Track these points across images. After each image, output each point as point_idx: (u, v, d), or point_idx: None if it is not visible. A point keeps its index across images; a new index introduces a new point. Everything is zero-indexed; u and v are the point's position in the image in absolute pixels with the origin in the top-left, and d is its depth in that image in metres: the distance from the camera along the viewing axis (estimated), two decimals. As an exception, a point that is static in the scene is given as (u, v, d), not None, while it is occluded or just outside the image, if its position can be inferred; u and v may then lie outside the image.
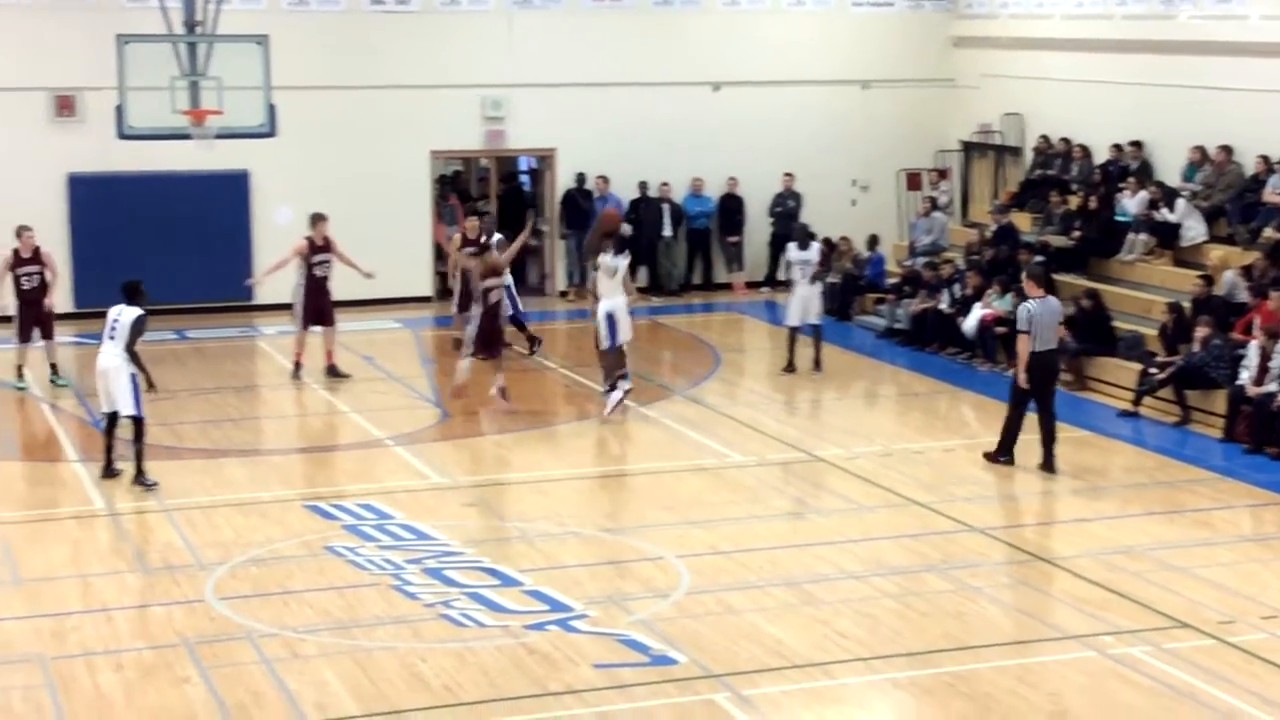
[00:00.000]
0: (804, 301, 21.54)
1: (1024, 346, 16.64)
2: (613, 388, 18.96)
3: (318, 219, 20.92)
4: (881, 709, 11.49)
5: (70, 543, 14.82)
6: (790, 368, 21.58)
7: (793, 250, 22.04)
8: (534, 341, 21.96)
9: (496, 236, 21.73)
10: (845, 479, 16.83)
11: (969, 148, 28.32)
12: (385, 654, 12.08)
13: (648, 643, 12.31)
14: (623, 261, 19.24)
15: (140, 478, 16.10)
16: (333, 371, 20.91)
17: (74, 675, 11.67)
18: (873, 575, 13.87)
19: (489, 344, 19.25)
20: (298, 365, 20.97)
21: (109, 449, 16.33)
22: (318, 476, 17.15)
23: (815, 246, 22.17)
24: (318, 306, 20.93)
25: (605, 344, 19.01)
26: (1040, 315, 16.66)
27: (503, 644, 12.29)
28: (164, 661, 11.93)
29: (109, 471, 16.33)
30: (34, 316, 20.37)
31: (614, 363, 19.04)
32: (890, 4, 28.72)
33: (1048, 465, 16.80)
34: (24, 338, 20.43)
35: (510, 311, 20.99)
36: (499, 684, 11.58)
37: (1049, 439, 16.84)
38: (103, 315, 16.70)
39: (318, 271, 20.97)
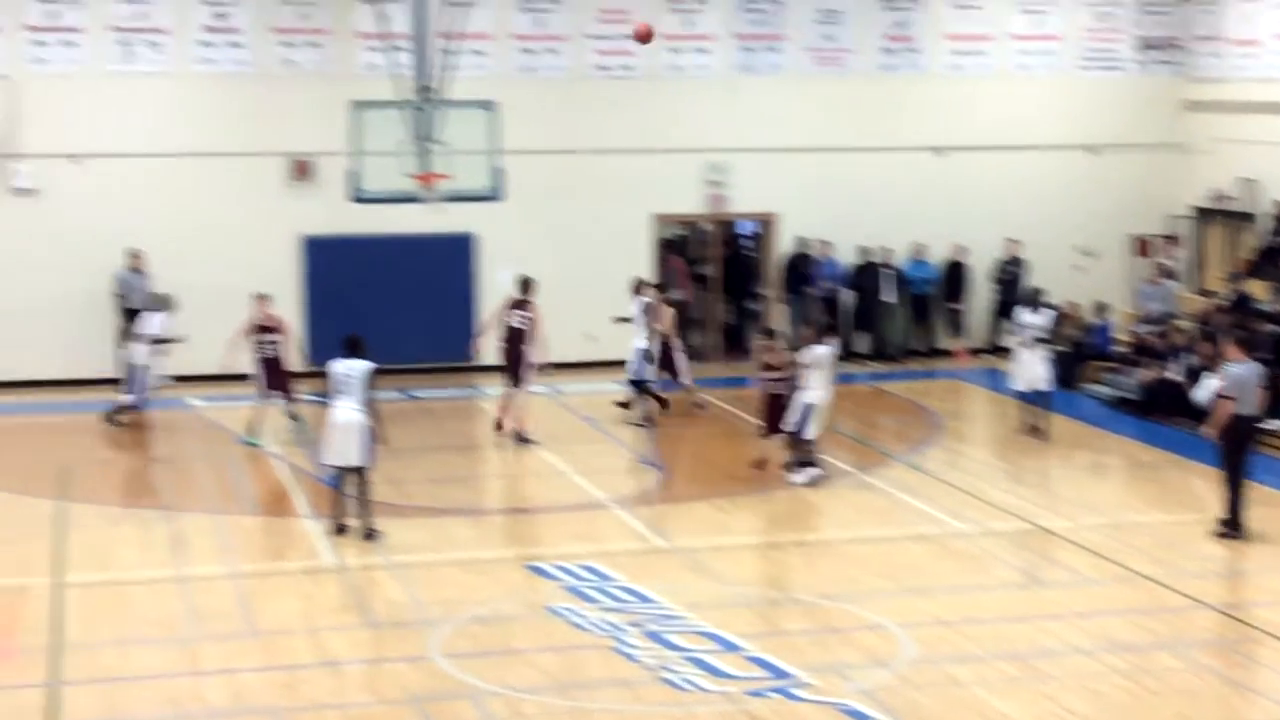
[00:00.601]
0: (1028, 367, 21.40)
1: (1225, 409, 16.45)
2: (803, 465, 18.91)
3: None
4: (1110, 788, 11.30)
5: (301, 596, 15.17)
6: (1029, 431, 21.61)
7: (1023, 314, 21.89)
8: (662, 403, 22.43)
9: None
10: (1071, 550, 16.55)
11: (1201, 213, 27.73)
12: (606, 716, 12.15)
13: (869, 712, 12.20)
14: (829, 353, 19.18)
15: (370, 529, 16.48)
16: (519, 438, 21.11)
17: (306, 727, 11.97)
18: (1101, 651, 13.59)
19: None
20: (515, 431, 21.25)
21: (339, 504, 16.73)
22: (540, 536, 17.32)
23: (1046, 311, 22.07)
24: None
25: (794, 429, 18.78)
26: (1243, 379, 16.48)
27: (724, 709, 12.29)
28: (391, 717, 12.14)
29: (339, 528, 16.70)
30: (276, 377, 21.10)
31: (802, 448, 18.88)
32: (1120, 69, 28.35)
33: (1232, 526, 16.55)
34: (268, 396, 21.12)
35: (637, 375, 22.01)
36: (720, 749, 11.60)
37: (1236, 500, 16.58)
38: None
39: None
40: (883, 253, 27.37)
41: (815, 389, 18.67)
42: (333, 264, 25.49)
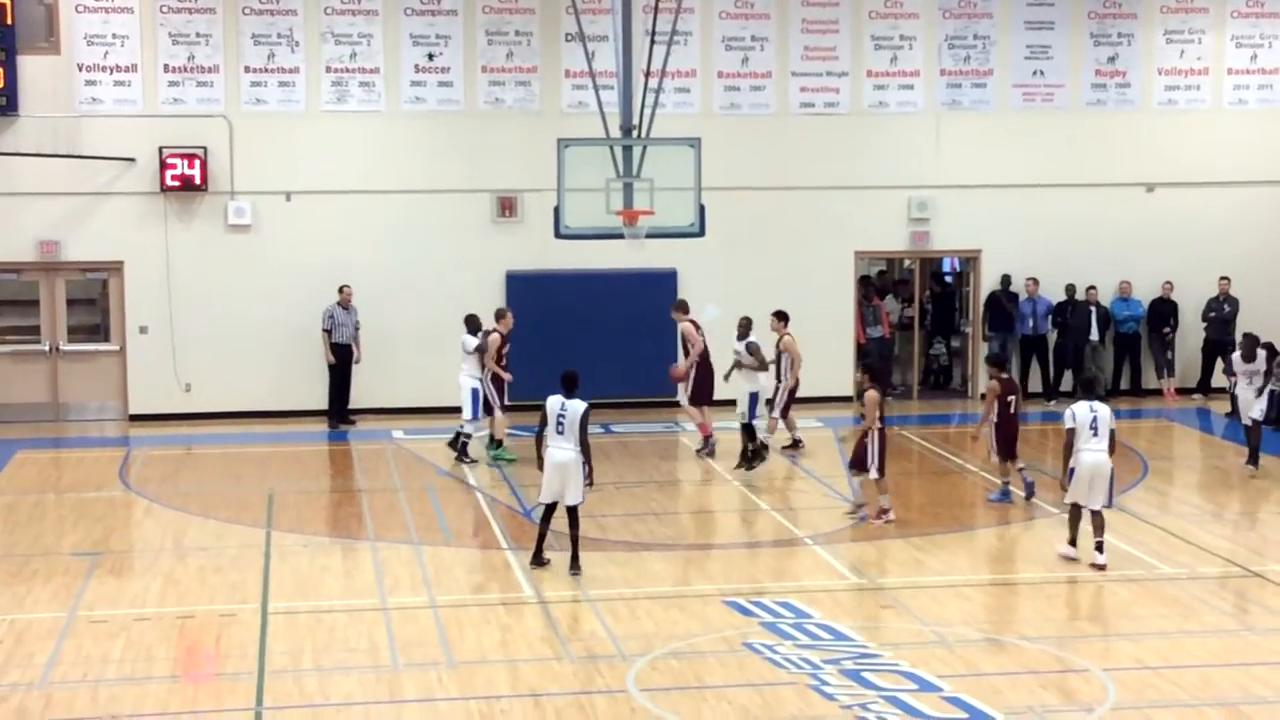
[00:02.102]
0: (1246, 405, 21.67)
1: None
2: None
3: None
4: (1323, 843, 10.88)
5: (500, 628, 15.26)
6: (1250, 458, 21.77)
7: (1237, 361, 21.83)
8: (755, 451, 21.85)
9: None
10: (1284, 597, 16.06)
11: None
12: (801, 754, 12.06)
13: (1071, 758, 11.95)
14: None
15: (576, 564, 16.55)
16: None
17: (501, 757, 12.03)
18: (1314, 700, 13.16)
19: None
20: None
21: (542, 537, 16.79)
22: (736, 572, 17.21)
23: (1261, 355, 21.82)
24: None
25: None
26: None
27: (920, 751, 12.12)
28: (586, 749, 12.19)
29: (539, 560, 16.78)
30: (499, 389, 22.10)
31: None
32: (1338, 100, 27.60)
33: None
34: (492, 412, 22.12)
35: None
36: (916, 791, 11.42)
37: None
38: (533, 409, 17.20)
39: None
40: (1088, 291, 26.91)
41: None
42: (535, 299, 25.72)
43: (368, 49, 25.57)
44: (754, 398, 21.85)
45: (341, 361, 24.58)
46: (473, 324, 22.14)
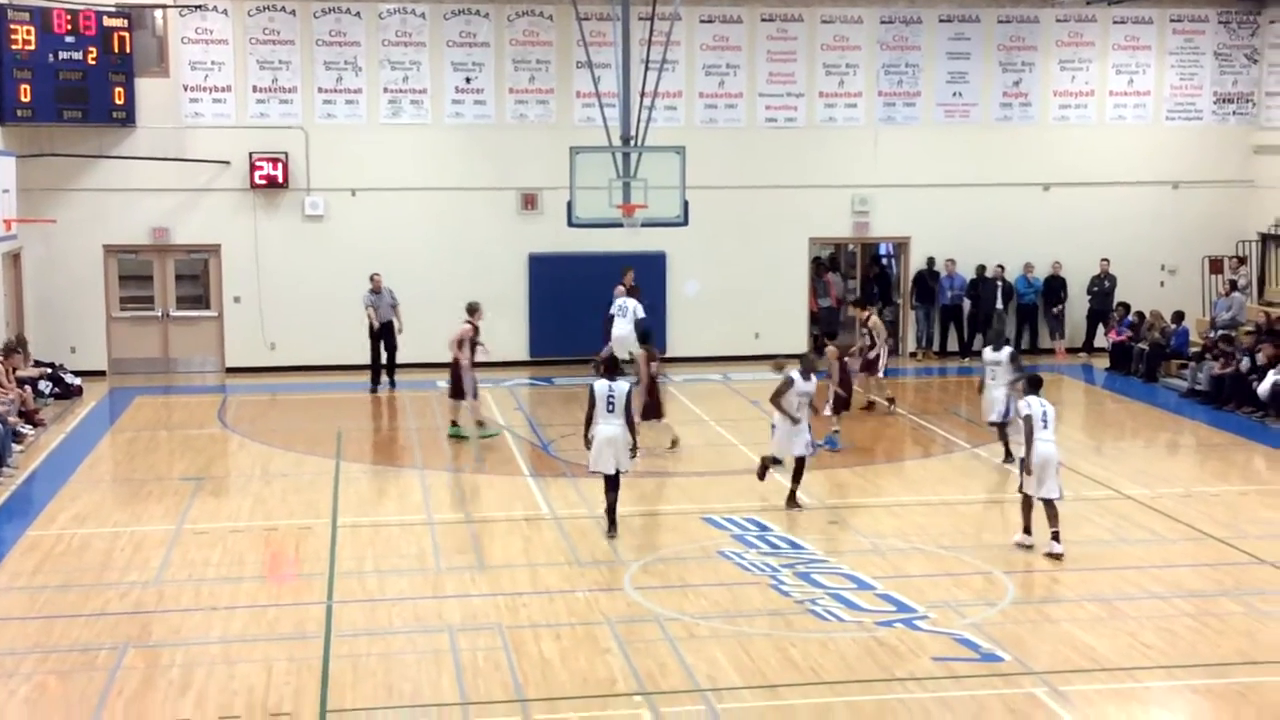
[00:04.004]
0: (993, 402, 18.15)
1: None
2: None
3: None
4: (1180, 709, 10.90)
5: (523, 539, 15.30)
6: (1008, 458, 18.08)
7: (987, 351, 18.50)
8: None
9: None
10: (1150, 515, 16.08)
11: (1265, 239, 26.76)
12: (763, 639, 12.08)
13: (978, 642, 11.99)
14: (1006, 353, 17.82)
15: (614, 527, 15.14)
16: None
17: (524, 642, 12.03)
18: (1173, 596, 13.19)
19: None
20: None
21: (613, 507, 15.22)
22: (712, 495, 17.28)
23: (1007, 350, 18.40)
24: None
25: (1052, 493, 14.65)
26: None
27: (857, 636, 12.15)
28: (591, 636, 12.20)
29: (613, 529, 15.16)
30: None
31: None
32: (1199, 117, 27.48)
33: None
34: (476, 395, 20.11)
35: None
36: (854, 668, 11.45)
37: None
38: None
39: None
40: (996, 269, 26.87)
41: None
42: (553, 276, 25.69)
43: (417, 73, 25.43)
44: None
45: (381, 335, 23.62)
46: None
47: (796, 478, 16.11)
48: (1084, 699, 10.85)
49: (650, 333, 19.99)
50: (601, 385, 15.11)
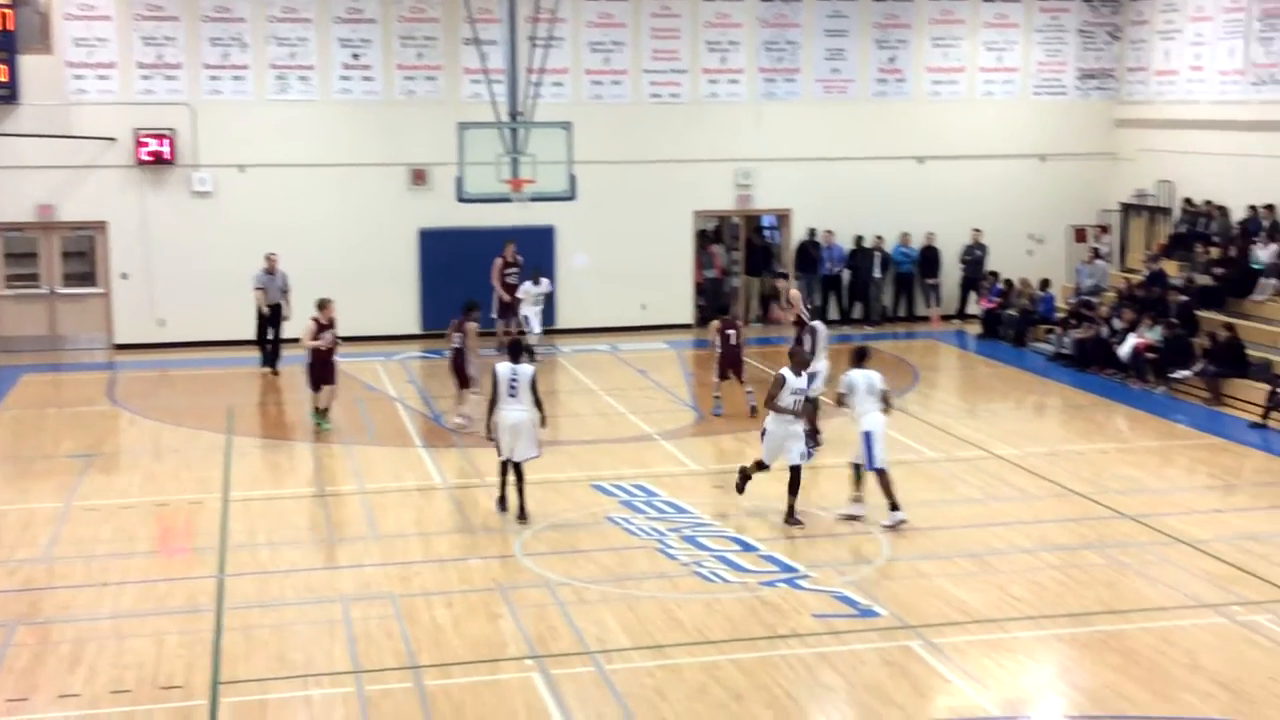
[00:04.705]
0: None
1: None
2: (894, 507, 14.22)
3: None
4: (1046, 658, 11.17)
5: (415, 509, 15.22)
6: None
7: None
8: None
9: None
10: (1018, 473, 16.42)
11: (1127, 208, 27.38)
12: (650, 602, 12.15)
13: (856, 599, 12.18)
14: (878, 381, 14.44)
15: (524, 514, 14.46)
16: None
17: (416, 610, 11.98)
18: (1040, 550, 13.51)
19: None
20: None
21: (504, 486, 14.67)
22: (601, 462, 17.31)
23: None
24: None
25: (867, 464, 14.26)
26: None
27: (742, 596, 12.28)
28: (483, 602, 12.18)
29: (504, 504, 14.66)
30: (325, 369, 18.58)
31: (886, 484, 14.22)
32: (1064, 93, 27.97)
33: None
34: (317, 387, 18.61)
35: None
36: (739, 627, 11.57)
37: None
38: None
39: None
40: (874, 240, 27.18)
41: (869, 413, 14.36)
42: (443, 250, 25.48)
43: (304, 50, 25.01)
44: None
45: (269, 318, 22.65)
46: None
47: (793, 490, 14.29)
48: (956, 650, 11.07)
49: (476, 304, 19.04)
50: (504, 368, 14.30)
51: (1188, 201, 25.37)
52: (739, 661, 10.88)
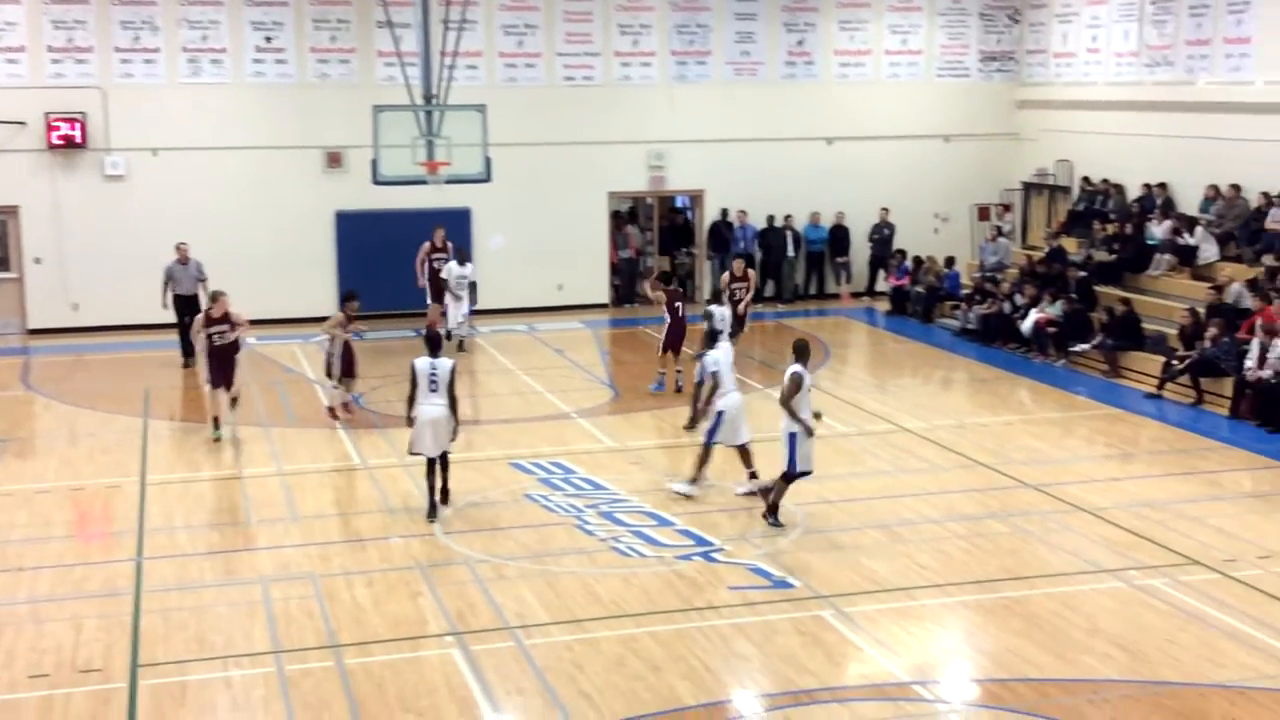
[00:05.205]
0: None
1: None
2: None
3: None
4: (953, 624, 11.34)
5: (334, 489, 15.11)
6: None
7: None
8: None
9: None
10: (926, 445, 16.62)
11: (1028, 187, 27.77)
12: (569, 577, 12.17)
13: (771, 571, 12.27)
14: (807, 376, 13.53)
15: (445, 498, 14.08)
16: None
17: (336, 589, 11.91)
18: (947, 520, 13.69)
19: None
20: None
21: (433, 490, 13.95)
22: (519, 441, 17.27)
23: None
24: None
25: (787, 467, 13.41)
26: None
27: (658, 570, 12.32)
28: (403, 580, 12.14)
29: (434, 514, 13.85)
30: (221, 369, 17.12)
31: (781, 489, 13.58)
32: (967, 75, 28.26)
33: None
34: (214, 385, 17.16)
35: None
36: (656, 601, 11.61)
37: None
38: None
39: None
40: (785, 219, 27.32)
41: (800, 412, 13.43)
42: (360, 233, 25.23)
43: (216, 32, 24.59)
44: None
45: (185, 311, 21.35)
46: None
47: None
48: (867, 618, 11.20)
49: (354, 293, 18.24)
50: (423, 363, 13.69)
51: (1086, 180, 25.78)
52: (656, 634, 10.93)
